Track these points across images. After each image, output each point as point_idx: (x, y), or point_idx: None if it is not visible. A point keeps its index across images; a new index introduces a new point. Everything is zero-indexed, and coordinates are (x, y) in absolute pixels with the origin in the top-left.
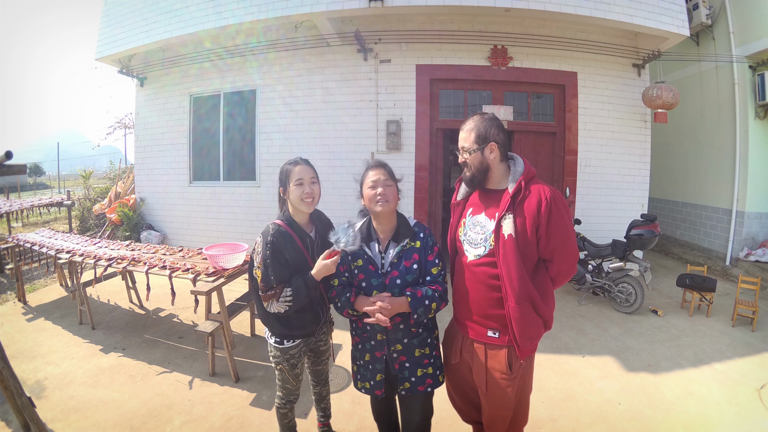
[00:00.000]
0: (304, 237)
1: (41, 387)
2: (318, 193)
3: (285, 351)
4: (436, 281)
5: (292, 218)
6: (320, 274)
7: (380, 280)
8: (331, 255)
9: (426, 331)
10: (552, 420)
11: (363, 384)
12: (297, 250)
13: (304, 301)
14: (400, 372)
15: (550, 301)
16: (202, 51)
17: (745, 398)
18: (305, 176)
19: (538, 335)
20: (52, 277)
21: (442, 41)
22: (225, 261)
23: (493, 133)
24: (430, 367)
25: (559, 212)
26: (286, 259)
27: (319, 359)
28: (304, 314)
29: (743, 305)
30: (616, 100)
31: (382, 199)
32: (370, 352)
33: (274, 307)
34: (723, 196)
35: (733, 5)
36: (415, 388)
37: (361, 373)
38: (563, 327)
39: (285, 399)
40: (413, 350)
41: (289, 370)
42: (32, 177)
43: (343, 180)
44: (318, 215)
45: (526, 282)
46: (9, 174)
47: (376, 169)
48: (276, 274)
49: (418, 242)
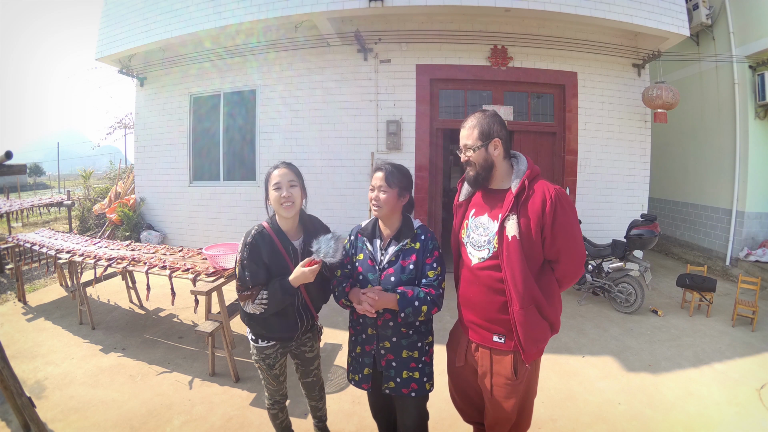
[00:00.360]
0: (286, 244)
1: (41, 387)
2: (299, 196)
3: (260, 350)
4: (431, 285)
5: (277, 223)
6: (297, 281)
7: (376, 275)
8: (311, 264)
9: (417, 334)
10: (552, 420)
11: (353, 376)
12: (276, 254)
13: (279, 306)
14: (386, 370)
15: (556, 304)
16: (202, 51)
17: (745, 398)
18: (283, 180)
19: (545, 339)
20: (52, 277)
21: (442, 41)
22: (225, 261)
23: (497, 130)
24: (417, 372)
25: (564, 212)
26: (263, 262)
27: (307, 369)
28: (282, 318)
29: (743, 305)
30: (616, 100)
31: (375, 204)
32: (361, 345)
33: (250, 307)
34: (723, 196)
35: (733, 5)
36: (399, 390)
37: (352, 365)
38: (563, 327)
39: (271, 399)
40: (401, 350)
41: (266, 370)
42: (32, 177)
43: (343, 180)
44: (311, 221)
45: (530, 285)
46: (9, 174)
47: (377, 172)
48: (252, 275)
49: (418, 244)
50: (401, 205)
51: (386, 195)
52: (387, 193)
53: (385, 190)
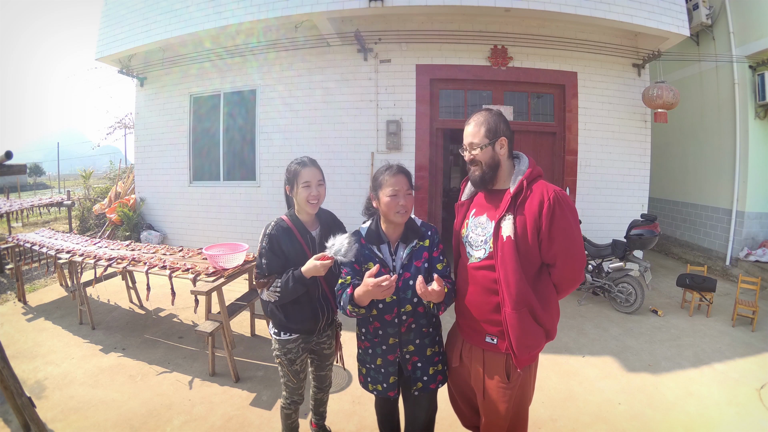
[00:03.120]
0: (304, 233)
1: (41, 387)
2: (323, 194)
3: (282, 344)
4: (445, 276)
5: (297, 215)
6: (309, 273)
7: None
8: (323, 258)
9: (434, 328)
10: (552, 420)
11: (375, 386)
12: (295, 244)
13: (292, 294)
14: (413, 372)
15: (552, 310)
16: (202, 51)
17: (745, 398)
18: (313, 179)
19: (538, 345)
20: (52, 277)
21: (442, 41)
22: (225, 261)
23: (503, 128)
24: (440, 363)
25: (563, 214)
26: (282, 251)
27: (323, 363)
28: (301, 308)
29: (743, 305)
30: (616, 100)
31: (402, 210)
32: (382, 357)
33: (266, 294)
34: (723, 196)
35: (733, 5)
36: (427, 387)
37: (371, 375)
38: (563, 327)
39: (289, 399)
40: (425, 350)
41: (287, 365)
42: (32, 177)
43: (343, 180)
44: (326, 214)
45: (524, 287)
46: (9, 174)
47: (398, 176)
48: (268, 264)
49: (427, 241)
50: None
51: (410, 199)
52: (410, 196)
53: (409, 193)
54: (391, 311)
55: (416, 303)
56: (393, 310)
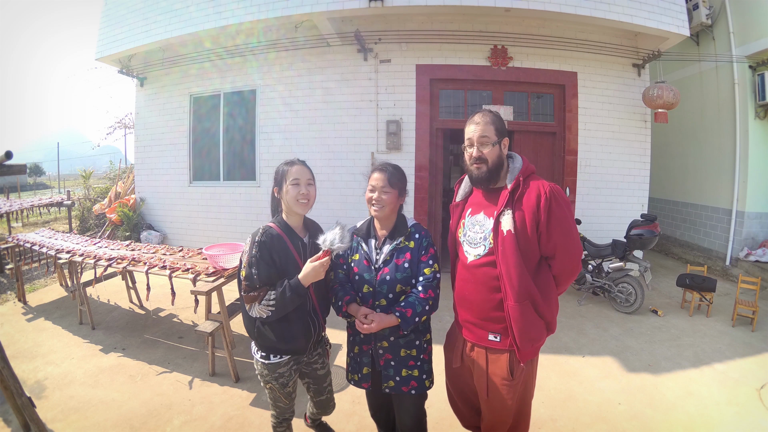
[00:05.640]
0: (295, 240)
1: (41, 387)
2: (313, 195)
3: (272, 368)
4: (429, 286)
5: (285, 221)
6: (308, 278)
7: (372, 275)
8: (321, 257)
9: (414, 333)
10: (552, 420)
11: (352, 376)
12: (287, 253)
13: (287, 308)
14: (385, 369)
15: (552, 302)
16: (202, 51)
17: (745, 398)
18: (302, 177)
19: (540, 338)
20: (52, 277)
21: (442, 41)
22: (225, 261)
23: (505, 129)
24: (416, 369)
25: (559, 207)
26: (273, 260)
27: (320, 387)
28: (291, 325)
29: (743, 305)
30: (616, 100)
31: (376, 204)
32: (359, 345)
33: (256, 310)
34: (723, 196)
35: (733, 5)
36: (398, 388)
37: (351, 365)
38: (563, 327)
39: (280, 417)
40: (398, 349)
41: (279, 389)
42: (32, 177)
43: (343, 180)
44: (313, 223)
45: (526, 280)
46: (9, 174)
47: (377, 173)
48: (261, 274)
49: (413, 242)
50: (399, 205)
51: (388, 195)
52: (389, 193)
53: (387, 191)
54: (367, 302)
55: (391, 299)
56: (369, 302)
